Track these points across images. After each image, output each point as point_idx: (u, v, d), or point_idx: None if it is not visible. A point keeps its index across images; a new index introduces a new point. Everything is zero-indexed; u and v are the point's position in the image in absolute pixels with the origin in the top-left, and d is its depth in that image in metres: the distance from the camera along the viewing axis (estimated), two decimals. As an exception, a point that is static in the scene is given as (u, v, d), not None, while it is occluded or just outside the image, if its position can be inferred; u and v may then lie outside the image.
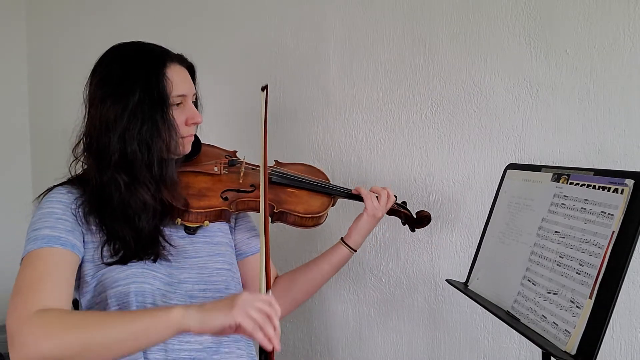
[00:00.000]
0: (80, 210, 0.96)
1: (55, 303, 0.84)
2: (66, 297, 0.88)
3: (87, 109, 1.00)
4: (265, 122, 1.02)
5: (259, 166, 1.15)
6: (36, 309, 0.81)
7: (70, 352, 0.77)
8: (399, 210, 1.28)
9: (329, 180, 1.27)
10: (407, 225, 1.29)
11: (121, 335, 0.79)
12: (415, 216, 1.28)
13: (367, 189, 1.20)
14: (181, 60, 1.04)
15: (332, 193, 1.21)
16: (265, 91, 1.07)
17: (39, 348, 0.76)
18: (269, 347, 0.78)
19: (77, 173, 1.02)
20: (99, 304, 0.96)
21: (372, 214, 1.18)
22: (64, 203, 0.96)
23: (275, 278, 1.22)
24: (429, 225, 1.30)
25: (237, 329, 0.78)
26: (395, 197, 1.31)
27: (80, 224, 0.95)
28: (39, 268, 0.87)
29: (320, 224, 1.18)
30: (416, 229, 1.28)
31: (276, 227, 1.62)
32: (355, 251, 1.20)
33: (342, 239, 1.20)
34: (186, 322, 0.78)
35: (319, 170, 1.29)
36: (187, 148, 1.05)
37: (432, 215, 1.27)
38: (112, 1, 2.07)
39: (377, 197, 1.18)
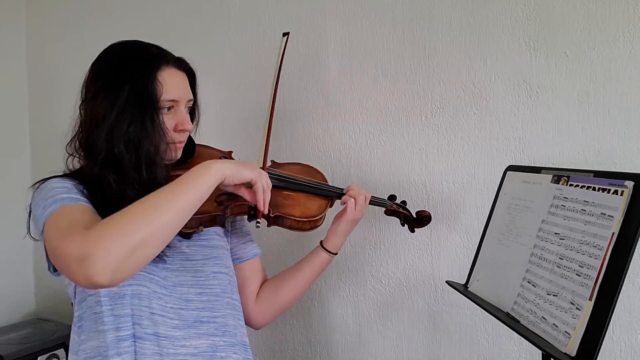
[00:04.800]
0: (84, 192, 0.94)
1: None
2: None
3: (81, 104, 0.99)
4: (280, 68, 1.06)
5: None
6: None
7: (141, 235, 0.77)
8: (398, 211, 1.27)
9: (326, 181, 1.24)
10: (406, 226, 1.29)
11: (178, 207, 0.81)
12: (415, 216, 1.27)
13: (350, 189, 1.19)
14: (179, 64, 1.02)
15: (329, 195, 1.19)
16: (286, 37, 1.13)
17: (114, 241, 0.75)
18: (263, 208, 0.95)
19: (74, 168, 1.01)
20: (91, 297, 0.94)
21: (352, 218, 1.17)
22: (68, 183, 0.94)
23: (263, 282, 1.21)
24: (428, 227, 1.30)
25: (241, 188, 0.94)
26: (395, 196, 1.32)
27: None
28: (73, 213, 0.85)
29: (317, 226, 1.16)
30: (416, 229, 1.28)
31: (272, 232, 1.62)
32: (336, 254, 1.19)
33: (321, 243, 1.19)
34: (225, 172, 0.88)
35: (316, 170, 1.27)
36: (177, 154, 1.03)
37: (432, 215, 1.27)
38: (111, 2, 2.07)
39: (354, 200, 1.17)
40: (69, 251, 0.76)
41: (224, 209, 1.04)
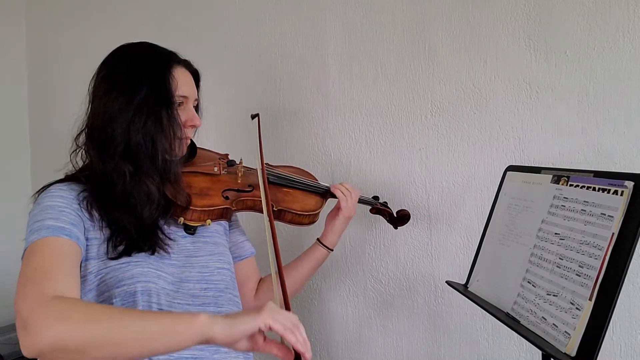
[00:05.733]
0: (84, 203, 0.95)
1: (68, 291, 0.81)
2: (77, 287, 0.86)
3: (91, 101, 1.00)
4: (261, 149, 1.04)
5: (254, 168, 1.18)
6: (51, 295, 0.77)
7: (87, 342, 0.72)
8: (383, 210, 1.35)
9: (317, 181, 1.31)
10: (390, 224, 1.37)
11: (140, 335, 0.74)
12: (395, 215, 1.36)
13: (342, 187, 1.25)
14: (187, 65, 1.06)
15: (324, 193, 1.26)
16: (256, 119, 1.13)
17: (57, 331, 0.71)
18: (303, 350, 0.76)
19: (75, 169, 1.02)
20: (103, 303, 0.94)
21: (347, 214, 1.24)
22: (66, 198, 0.94)
23: (259, 281, 1.24)
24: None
25: (263, 344, 0.78)
26: (378, 197, 1.37)
27: (84, 218, 0.94)
28: (47, 256, 0.84)
29: (314, 221, 1.23)
30: (398, 227, 1.37)
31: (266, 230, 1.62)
32: (332, 250, 1.25)
33: (318, 239, 1.25)
34: (212, 327, 0.74)
35: (308, 172, 1.34)
36: (184, 150, 1.05)
37: (411, 214, 1.35)
38: (112, 2, 2.07)
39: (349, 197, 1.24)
40: (20, 309, 0.75)
41: (231, 203, 1.09)
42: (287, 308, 0.82)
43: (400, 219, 1.35)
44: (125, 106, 0.95)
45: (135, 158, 0.96)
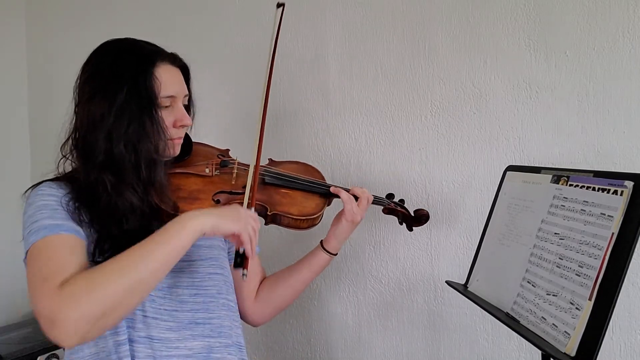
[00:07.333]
0: (70, 204, 0.93)
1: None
2: None
3: (76, 105, 0.97)
4: (276, 41, 0.97)
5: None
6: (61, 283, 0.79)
7: (116, 298, 0.77)
8: (395, 210, 1.27)
9: (324, 179, 1.23)
10: (404, 225, 1.29)
11: (155, 265, 0.81)
12: (413, 214, 1.27)
13: (347, 190, 1.17)
14: (174, 60, 1.01)
15: (327, 193, 1.18)
16: (281, 8, 1.04)
17: (86, 305, 0.74)
18: (251, 255, 0.93)
19: (66, 172, 1.00)
20: None
21: (351, 219, 1.15)
22: (56, 195, 0.93)
23: (262, 281, 1.21)
24: (428, 226, 1.30)
25: (233, 236, 0.92)
26: (392, 195, 1.32)
27: (73, 217, 0.92)
28: (52, 255, 0.84)
29: (315, 225, 1.15)
30: (414, 228, 1.28)
31: (271, 231, 1.62)
32: (335, 255, 1.19)
33: (321, 243, 1.19)
34: (202, 228, 0.86)
35: (314, 168, 1.26)
36: (176, 151, 1.02)
37: (430, 214, 1.27)
38: (111, 2, 2.07)
39: (356, 199, 1.16)
40: (40, 310, 0.75)
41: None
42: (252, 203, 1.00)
43: (417, 219, 1.26)
44: (107, 111, 0.92)
45: (118, 168, 0.93)
